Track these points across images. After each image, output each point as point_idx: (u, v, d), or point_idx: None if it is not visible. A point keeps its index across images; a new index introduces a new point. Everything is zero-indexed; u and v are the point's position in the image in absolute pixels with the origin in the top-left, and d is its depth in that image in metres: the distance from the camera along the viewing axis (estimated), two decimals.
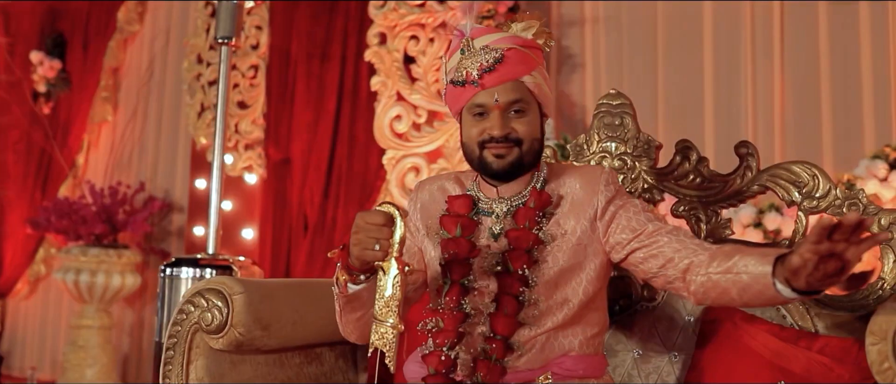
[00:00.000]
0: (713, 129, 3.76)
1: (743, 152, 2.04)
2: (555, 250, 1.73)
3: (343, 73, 4.52)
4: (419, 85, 4.22)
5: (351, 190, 4.43)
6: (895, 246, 1.85)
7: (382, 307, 1.56)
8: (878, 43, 3.47)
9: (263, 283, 2.08)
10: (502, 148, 1.71)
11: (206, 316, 1.96)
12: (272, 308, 2.03)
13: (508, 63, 1.71)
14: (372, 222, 1.53)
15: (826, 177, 1.94)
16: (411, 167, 4.23)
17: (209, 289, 1.98)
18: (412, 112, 4.25)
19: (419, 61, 4.24)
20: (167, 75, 5.25)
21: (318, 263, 4.40)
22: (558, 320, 1.72)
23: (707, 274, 1.58)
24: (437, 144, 4.18)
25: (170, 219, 5.18)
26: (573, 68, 4.13)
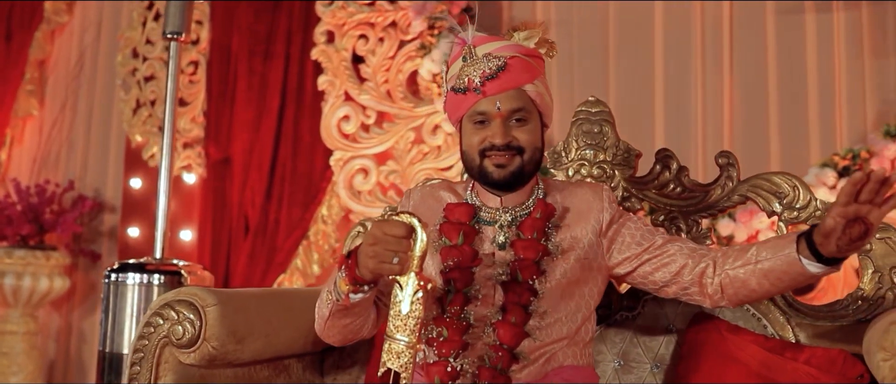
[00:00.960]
0: (663, 133, 3.79)
1: (723, 162, 2.04)
2: (561, 262, 1.72)
3: (287, 72, 4.40)
4: (368, 85, 4.14)
5: (295, 191, 4.32)
6: (874, 257, 1.89)
7: (399, 325, 1.48)
8: (823, 52, 3.57)
9: (236, 294, 1.98)
10: (503, 157, 1.68)
11: (176, 329, 1.86)
12: (246, 320, 1.94)
13: (511, 71, 1.68)
14: (392, 234, 1.46)
15: (806, 187, 1.96)
16: (360, 169, 4.15)
17: (180, 301, 1.88)
18: (361, 112, 4.17)
19: (368, 61, 4.16)
20: (99, 69, 5.02)
21: (259, 266, 4.28)
22: (562, 333, 1.70)
23: (723, 271, 1.66)
24: (386, 146, 4.11)
25: (101, 219, 4.95)
26: None
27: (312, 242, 4.26)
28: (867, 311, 1.87)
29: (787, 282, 1.63)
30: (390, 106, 4.11)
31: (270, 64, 4.42)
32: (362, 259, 1.51)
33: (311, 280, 4.26)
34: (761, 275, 1.62)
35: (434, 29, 3.93)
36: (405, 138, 4.06)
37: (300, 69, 4.37)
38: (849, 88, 3.51)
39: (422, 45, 3.96)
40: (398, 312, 1.49)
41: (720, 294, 1.69)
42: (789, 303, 1.95)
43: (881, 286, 1.87)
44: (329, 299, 1.65)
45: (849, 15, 3.54)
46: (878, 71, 3.48)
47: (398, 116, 4.09)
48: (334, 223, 4.25)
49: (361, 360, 2.27)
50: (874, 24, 3.49)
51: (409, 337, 1.47)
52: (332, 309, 1.65)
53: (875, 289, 1.87)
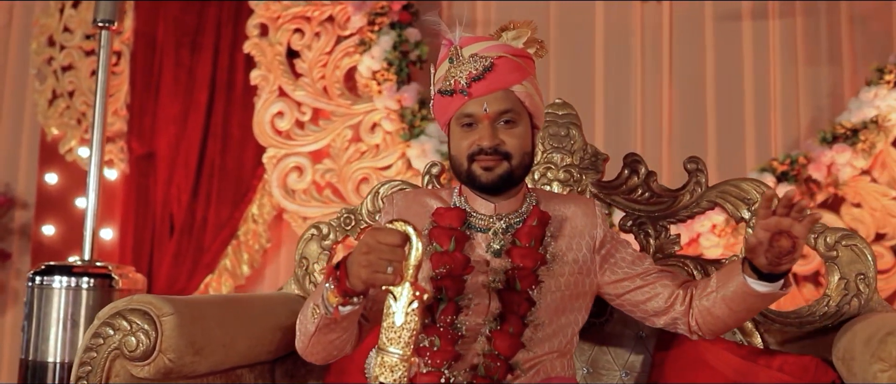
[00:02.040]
0: (602, 136, 3.81)
1: (692, 168, 2.04)
2: (556, 272, 1.67)
3: (216, 65, 4.23)
4: (304, 81, 4.02)
5: (223, 189, 4.16)
6: (840, 264, 1.91)
7: (392, 337, 1.41)
8: (759, 58, 3.64)
9: (193, 302, 1.86)
10: (491, 160, 1.63)
11: (129, 340, 1.73)
12: (204, 330, 1.82)
13: (498, 71, 1.63)
14: (386, 242, 1.40)
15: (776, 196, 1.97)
16: (294, 167, 4.02)
17: (133, 310, 1.75)
18: (296, 109, 4.05)
19: (304, 56, 4.04)
20: (10, 57, 4.73)
21: (185, 267, 4.11)
22: (554, 346, 1.66)
23: (698, 305, 1.66)
24: (322, 144, 4.00)
25: (11, 216, 4.66)
26: None
27: (242, 242, 4.12)
28: (834, 317, 1.89)
29: (747, 305, 1.61)
30: (327, 103, 3.99)
31: (198, 56, 4.24)
32: (354, 268, 1.44)
33: (240, 281, 4.12)
34: (722, 303, 1.62)
35: (374, 25, 3.84)
36: (342, 136, 3.96)
37: (230, 62, 4.21)
38: (783, 94, 3.60)
39: (361, 41, 3.87)
40: (392, 324, 1.41)
41: (697, 326, 1.69)
42: None
43: (847, 292, 1.89)
44: (316, 314, 1.56)
45: (784, 23, 3.62)
46: (812, 78, 3.57)
47: (335, 113, 3.98)
48: (265, 222, 4.12)
49: (316, 369, 2.18)
50: (808, 33, 3.58)
51: (403, 350, 1.41)
52: (318, 324, 1.56)
53: (841, 295, 1.89)
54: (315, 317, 1.56)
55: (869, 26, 3.51)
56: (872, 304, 1.87)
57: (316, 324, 1.56)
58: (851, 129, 3.19)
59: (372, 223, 2.28)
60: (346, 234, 2.29)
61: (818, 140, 3.26)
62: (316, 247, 2.30)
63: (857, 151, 3.17)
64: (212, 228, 4.16)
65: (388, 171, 3.88)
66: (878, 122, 3.17)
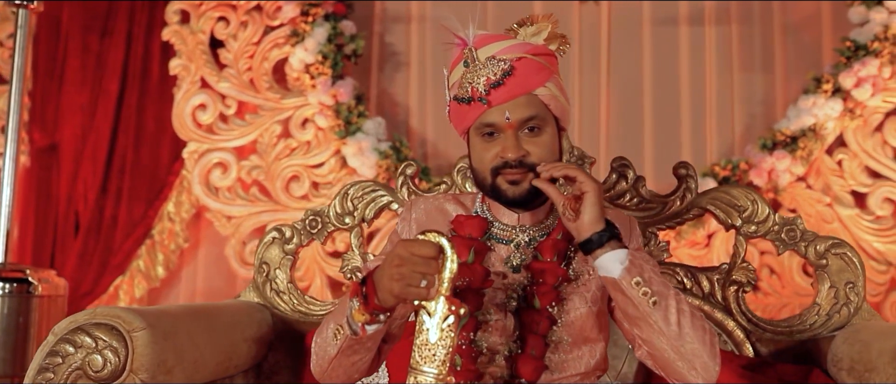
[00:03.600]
0: None
1: (682, 173, 1.99)
2: (581, 289, 1.55)
3: (129, 52, 3.95)
4: (229, 72, 3.80)
5: (136, 185, 3.88)
6: (830, 272, 1.90)
7: (426, 355, 1.29)
8: (695, 64, 3.68)
9: (163, 314, 1.67)
10: (517, 173, 1.50)
11: (94, 359, 1.53)
12: (175, 345, 1.64)
13: (519, 75, 1.49)
14: (420, 254, 1.29)
15: (765, 202, 1.95)
16: (218, 163, 3.80)
17: (97, 325, 1.55)
18: (220, 101, 3.82)
19: (229, 46, 3.82)
20: None
21: (92, 268, 3.81)
22: (579, 368, 1.55)
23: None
24: (249, 139, 3.79)
25: None
26: (397, 67, 3.94)
27: (157, 242, 3.86)
28: (824, 326, 1.88)
29: (628, 303, 1.44)
30: (254, 96, 3.79)
31: (109, 42, 3.94)
32: (385, 282, 1.32)
33: (155, 284, 3.86)
34: (625, 316, 1.48)
35: (309, 16, 3.66)
36: (270, 131, 3.76)
37: (145, 50, 3.94)
38: (719, 99, 3.64)
39: (294, 32, 3.68)
40: (425, 341, 1.29)
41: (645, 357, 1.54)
42: (749, 318, 1.93)
43: (837, 301, 1.89)
44: (339, 335, 1.42)
45: (719, 30, 3.67)
46: (746, 84, 3.63)
47: (263, 107, 3.78)
48: (183, 221, 3.87)
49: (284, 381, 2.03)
50: (743, 41, 3.64)
51: (438, 368, 1.29)
52: (342, 345, 1.42)
53: (831, 304, 1.89)
54: (338, 339, 1.42)
55: (800, 36, 3.60)
56: (862, 313, 1.87)
57: (339, 346, 1.43)
58: (791, 136, 3.25)
59: (340, 226, 2.14)
60: (311, 238, 2.14)
61: (758, 146, 3.31)
62: (277, 251, 2.14)
63: (796, 158, 3.24)
64: (123, 227, 3.88)
65: (321, 169, 3.71)
66: (815, 130, 3.24)
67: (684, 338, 1.40)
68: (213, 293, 3.92)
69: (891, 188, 3.25)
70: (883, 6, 3.21)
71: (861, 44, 3.22)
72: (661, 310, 1.40)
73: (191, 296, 3.94)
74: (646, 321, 1.42)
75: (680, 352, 1.41)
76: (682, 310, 1.41)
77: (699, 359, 1.40)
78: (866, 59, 3.18)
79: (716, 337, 1.44)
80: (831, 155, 3.32)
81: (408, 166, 2.13)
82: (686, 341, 1.40)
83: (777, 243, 1.93)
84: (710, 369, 1.41)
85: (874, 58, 3.18)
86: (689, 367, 1.41)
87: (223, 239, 3.82)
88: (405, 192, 2.10)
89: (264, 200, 3.75)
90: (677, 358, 1.41)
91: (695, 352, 1.40)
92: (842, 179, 3.29)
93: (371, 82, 3.87)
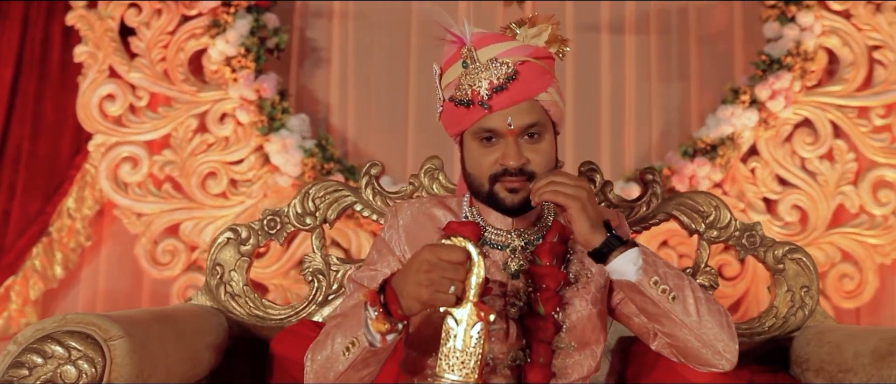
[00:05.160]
0: None
1: (649, 179, 2.03)
2: (581, 292, 1.55)
3: (25, 36, 3.69)
4: (141, 62, 3.60)
5: (33, 178, 3.63)
6: (787, 277, 1.99)
7: (454, 363, 1.25)
8: (615, 72, 3.77)
9: (135, 321, 1.55)
10: (517, 181, 1.47)
11: (67, 371, 1.41)
12: (150, 354, 1.53)
13: (522, 80, 1.46)
14: (448, 259, 1.27)
15: (727, 208, 2.01)
16: (127, 157, 3.59)
17: (70, 332, 1.43)
18: (130, 92, 3.62)
19: (141, 34, 3.62)
20: None
21: None
22: (584, 371, 1.54)
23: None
24: (161, 133, 3.60)
25: None
26: (317, 63, 3.85)
27: (55, 240, 3.62)
28: (782, 328, 1.96)
29: (646, 301, 1.45)
30: (168, 88, 3.61)
31: (1, 25, 3.67)
32: (410, 289, 1.28)
33: (52, 284, 3.63)
34: (644, 313, 1.49)
35: (230, 6, 3.52)
36: (186, 126, 3.59)
37: (45, 35, 3.69)
38: (637, 106, 3.75)
39: (214, 22, 3.52)
40: (452, 349, 1.27)
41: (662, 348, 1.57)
42: None
43: (793, 304, 1.97)
44: (353, 349, 1.36)
45: (639, 39, 3.78)
46: (663, 93, 3.75)
47: (178, 100, 3.60)
48: (85, 218, 3.65)
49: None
50: (660, 51, 3.76)
51: (467, 377, 1.26)
52: (355, 359, 1.37)
53: (788, 307, 1.97)
54: (350, 353, 1.37)
55: (714, 47, 3.75)
56: (816, 315, 1.96)
57: (350, 360, 1.37)
58: (711, 144, 3.38)
59: (300, 227, 2.06)
60: (269, 239, 2.05)
61: (680, 153, 3.43)
62: (233, 252, 2.04)
63: (715, 165, 3.37)
64: (16, 224, 3.62)
65: (240, 166, 3.58)
66: (733, 138, 3.38)
67: (704, 325, 1.44)
68: (116, 295, 3.71)
69: (798, 196, 3.43)
70: (795, 23, 3.39)
71: (775, 58, 3.38)
72: (681, 302, 1.42)
73: (92, 298, 3.71)
74: (667, 317, 1.43)
75: (702, 339, 1.44)
76: (698, 299, 1.44)
77: (720, 341, 1.45)
78: (780, 73, 3.35)
79: (729, 316, 1.49)
80: (745, 163, 3.47)
81: (373, 166, 2.07)
82: (706, 328, 1.44)
83: (738, 248, 2.00)
84: (731, 348, 1.46)
85: (787, 72, 3.35)
86: (712, 352, 1.45)
87: (131, 237, 3.62)
88: (370, 192, 2.05)
89: (178, 198, 3.58)
90: (700, 345, 1.44)
91: (716, 335, 1.44)
92: (755, 186, 3.45)
93: (290, 78, 3.77)
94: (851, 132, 3.44)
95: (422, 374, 1.55)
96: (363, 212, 2.05)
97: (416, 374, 1.56)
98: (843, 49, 3.46)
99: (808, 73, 3.40)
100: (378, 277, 1.55)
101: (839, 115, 3.44)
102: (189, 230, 3.55)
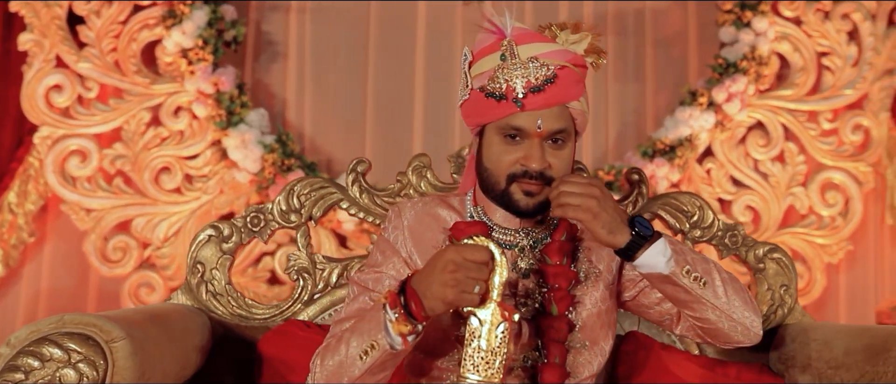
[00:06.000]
0: (422, 136, 3.74)
1: (635, 179, 2.05)
2: (590, 289, 1.55)
3: None
4: (91, 52, 3.48)
5: None
6: (767, 276, 2.03)
7: (478, 363, 1.24)
8: None
9: (132, 321, 1.48)
10: (535, 185, 1.46)
11: (66, 374, 1.35)
12: (149, 355, 1.48)
13: (559, 84, 1.45)
14: (473, 259, 1.26)
15: (710, 208, 2.05)
16: (75, 150, 3.47)
17: (69, 334, 1.37)
18: (79, 83, 3.49)
19: (90, 23, 3.49)
20: None
21: None
22: (592, 369, 1.55)
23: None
24: (112, 126, 3.49)
25: None
26: (274, 57, 3.77)
27: None
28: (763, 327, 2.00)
29: (671, 285, 1.47)
30: (120, 79, 3.49)
31: None
32: (435, 289, 1.26)
33: None
34: (672, 299, 1.53)
35: None
36: (138, 119, 3.48)
37: None
38: (594, 108, 3.78)
39: (170, 13, 3.42)
40: (477, 348, 1.26)
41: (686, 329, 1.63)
42: None
43: (773, 303, 2.02)
44: (373, 352, 1.33)
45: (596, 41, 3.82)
46: (620, 94, 3.81)
47: (130, 92, 3.49)
48: (28, 214, 3.52)
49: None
50: (617, 52, 3.81)
51: (492, 377, 1.25)
52: (372, 364, 1.35)
53: (768, 305, 2.01)
54: (368, 358, 1.34)
55: (669, 50, 3.82)
56: (794, 313, 2.02)
57: (367, 365, 1.35)
58: (670, 145, 3.45)
59: (285, 224, 2.01)
60: (252, 236, 2.00)
61: (639, 153, 3.48)
62: (214, 250, 1.99)
63: (674, 166, 3.44)
64: None
65: (195, 160, 3.49)
66: (690, 139, 3.45)
67: (733, 305, 1.49)
68: (60, 294, 3.58)
69: (751, 196, 3.52)
70: (751, 28, 3.48)
71: (731, 62, 3.46)
72: (711, 287, 1.47)
73: (34, 296, 3.57)
74: (698, 302, 1.47)
75: (733, 319, 1.50)
76: (725, 280, 1.49)
77: (748, 318, 1.51)
78: (736, 77, 3.44)
79: (749, 291, 1.56)
80: (701, 164, 3.55)
81: (359, 163, 2.04)
82: (735, 307, 1.50)
83: (721, 248, 2.04)
84: (756, 324, 1.53)
85: (743, 75, 3.44)
86: (742, 329, 1.52)
87: (78, 234, 3.50)
88: (357, 189, 2.02)
89: (130, 193, 3.47)
90: (731, 325, 1.51)
91: (743, 314, 1.51)
92: (710, 187, 3.53)
93: (246, 72, 3.68)
94: (801, 135, 3.55)
95: (428, 376, 1.54)
96: (350, 210, 2.01)
97: (422, 376, 1.54)
98: (794, 54, 3.56)
99: (761, 77, 3.49)
100: (383, 279, 1.53)
101: (790, 118, 3.54)
102: (141, 226, 3.44)
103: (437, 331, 1.45)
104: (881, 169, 3.61)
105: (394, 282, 1.50)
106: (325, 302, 1.99)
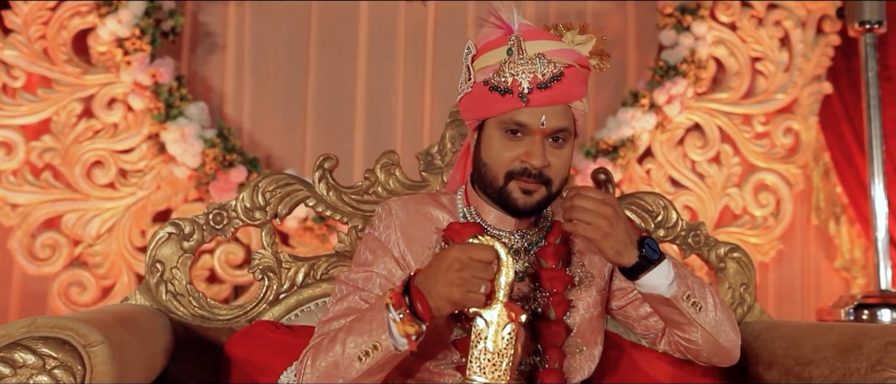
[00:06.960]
0: (363, 134, 3.70)
1: (602, 179, 2.07)
2: (584, 294, 1.55)
3: None
4: (17, 39, 3.32)
5: None
6: (727, 275, 2.08)
7: (485, 365, 1.22)
8: None
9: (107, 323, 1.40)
10: (533, 183, 1.45)
11: (40, 382, 1.27)
12: (125, 359, 1.40)
13: (565, 83, 1.45)
14: (479, 259, 1.25)
15: (674, 208, 2.08)
16: (1, 142, 3.29)
17: (43, 339, 1.29)
18: (3, 71, 3.32)
19: (17, 9, 3.33)
20: None
21: None
22: (584, 373, 1.55)
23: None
24: (41, 117, 3.33)
25: None
26: (211, 49, 3.66)
27: None
28: None
29: (664, 305, 1.49)
30: (49, 69, 3.33)
31: None
32: (442, 289, 1.24)
33: None
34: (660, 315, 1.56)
35: None
36: (69, 110, 3.33)
37: None
38: None
39: (105, 0, 3.27)
40: (484, 350, 1.24)
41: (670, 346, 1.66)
42: None
43: (733, 301, 2.06)
44: (374, 354, 1.30)
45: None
46: None
47: (59, 83, 3.34)
48: None
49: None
50: None
51: (499, 379, 1.24)
52: (371, 366, 1.32)
53: (730, 303, 2.06)
54: (368, 359, 1.31)
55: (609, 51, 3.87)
56: (754, 312, 2.07)
57: (366, 368, 1.32)
58: (613, 145, 3.50)
59: (249, 222, 1.95)
60: (215, 234, 1.93)
61: (583, 153, 3.52)
62: (174, 248, 1.91)
63: (617, 166, 3.49)
64: None
65: (131, 155, 3.35)
66: (632, 140, 3.51)
67: (721, 329, 1.53)
68: None
69: (689, 196, 3.61)
70: (690, 32, 3.56)
71: (672, 64, 3.54)
72: (704, 311, 1.48)
73: None
74: (691, 325, 1.47)
75: (718, 344, 1.54)
76: (716, 305, 1.52)
77: (732, 342, 1.56)
78: (676, 79, 3.51)
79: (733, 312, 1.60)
80: (641, 164, 3.61)
81: (326, 159, 1.99)
82: (722, 331, 1.53)
83: (684, 247, 2.07)
84: (736, 342, 1.57)
85: (683, 78, 3.52)
86: (725, 353, 1.56)
87: (3, 230, 3.33)
88: (324, 187, 1.97)
89: (60, 187, 3.31)
90: (716, 348, 1.54)
91: (729, 338, 1.55)
92: (650, 187, 3.59)
93: (182, 64, 3.56)
94: (736, 137, 3.65)
95: (414, 377, 1.51)
96: (316, 207, 1.97)
97: (408, 376, 1.52)
98: (729, 59, 3.66)
99: (700, 80, 3.57)
100: (373, 278, 1.50)
101: (726, 120, 3.64)
102: (72, 223, 3.29)
103: (431, 332, 1.42)
104: (808, 171, 3.76)
105: (385, 281, 1.47)
106: (291, 302, 1.93)
